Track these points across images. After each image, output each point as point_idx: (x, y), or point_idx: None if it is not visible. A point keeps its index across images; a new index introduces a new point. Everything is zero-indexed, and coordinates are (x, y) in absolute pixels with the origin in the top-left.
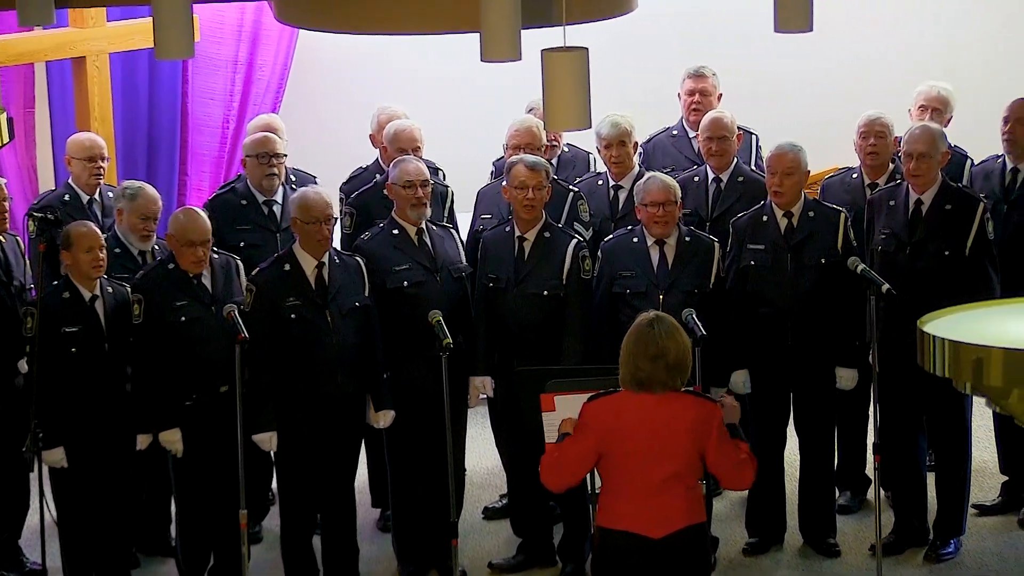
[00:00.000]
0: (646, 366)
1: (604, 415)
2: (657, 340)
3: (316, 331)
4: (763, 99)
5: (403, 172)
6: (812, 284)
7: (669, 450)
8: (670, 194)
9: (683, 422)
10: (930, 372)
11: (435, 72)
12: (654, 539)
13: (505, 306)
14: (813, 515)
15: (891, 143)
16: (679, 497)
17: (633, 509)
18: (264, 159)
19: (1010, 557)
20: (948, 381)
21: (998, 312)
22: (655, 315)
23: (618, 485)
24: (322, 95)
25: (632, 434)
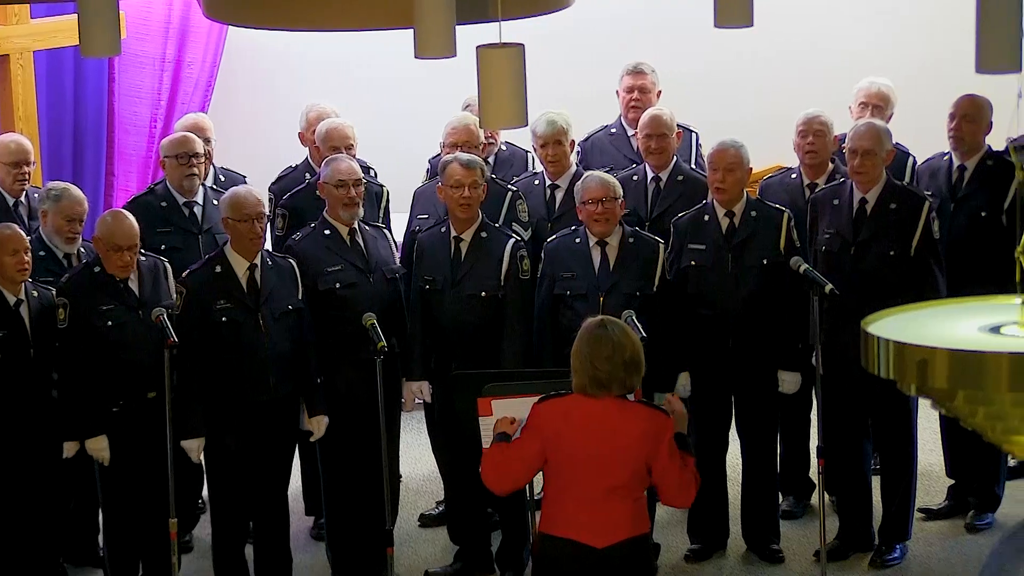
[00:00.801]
0: (604, 366)
1: (553, 417)
2: (611, 339)
3: (248, 335)
4: (703, 96)
5: (335, 171)
6: (754, 285)
7: (617, 459)
8: (609, 191)
9: (634, 432)
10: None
11: (368, 69)
12: (597, 549)
13: (441, 308)
14: (756, 520)
15: (830, 142)
16: (624, 507)
17: (577, 516)
18: (183, 159)
19: (957, 562)
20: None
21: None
22: (602, 318)
23: (562, 491)
24: (252, 93)
25: (581, 439)
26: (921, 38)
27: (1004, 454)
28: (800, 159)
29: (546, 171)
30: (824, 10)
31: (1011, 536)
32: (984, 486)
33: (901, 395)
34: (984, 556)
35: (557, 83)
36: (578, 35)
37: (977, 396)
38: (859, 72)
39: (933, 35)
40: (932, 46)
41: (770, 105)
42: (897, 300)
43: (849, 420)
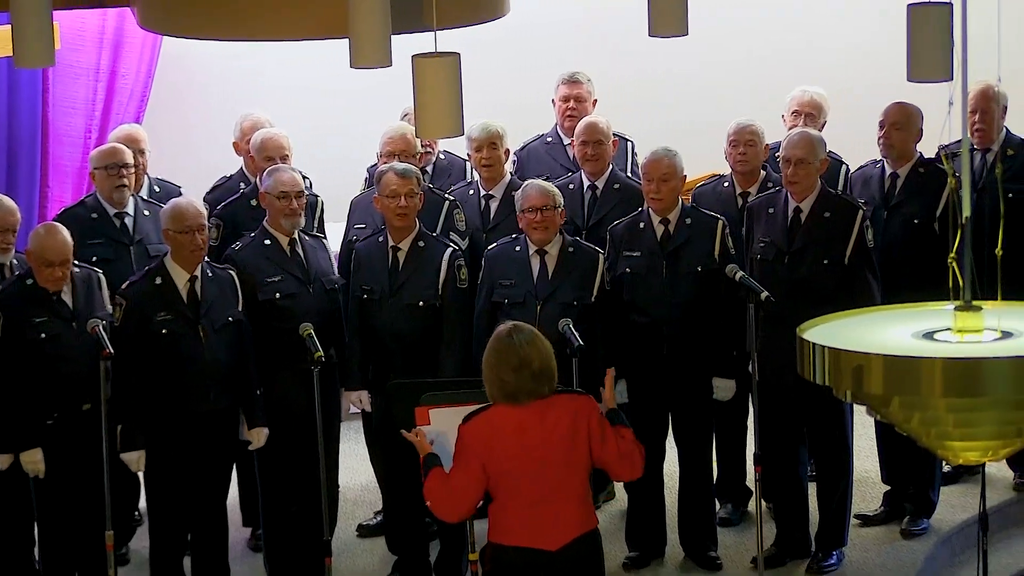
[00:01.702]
0: (511, 377)
1: (482, 434)
2: (518, 350)
3: (188, 347)
4: (638, 105)
5: (277, 182)
6: (689, 293)
7: (554, 457)
8: (549, 199)
9: (562, 425)
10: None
11: (303, 79)
12: (551, 551)
13: (379, 318)
14: (694, 528)
15: (761, 151)
16: (571, 504)
17: (526, 523)
18: (113, 170)
19: (893, 568)
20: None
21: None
22: (512, 325)
23: (507, 500)
24: (186, 103)
25: (514, 448)
26: (854, 47)
27: (939, 460)
28: (732, 168)
29: (481, 180)
30: (757, 20)
31: (946, 541)
32: (919, 492)
33: (836, 401)
34: (920, 561)
35: (493, 92)
36: (514, 44)
37: (912, 402)
38: (792, 81)
39: (865, 44)
40: (865, 54)
41: (705, 113)
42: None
43: (785, 427)
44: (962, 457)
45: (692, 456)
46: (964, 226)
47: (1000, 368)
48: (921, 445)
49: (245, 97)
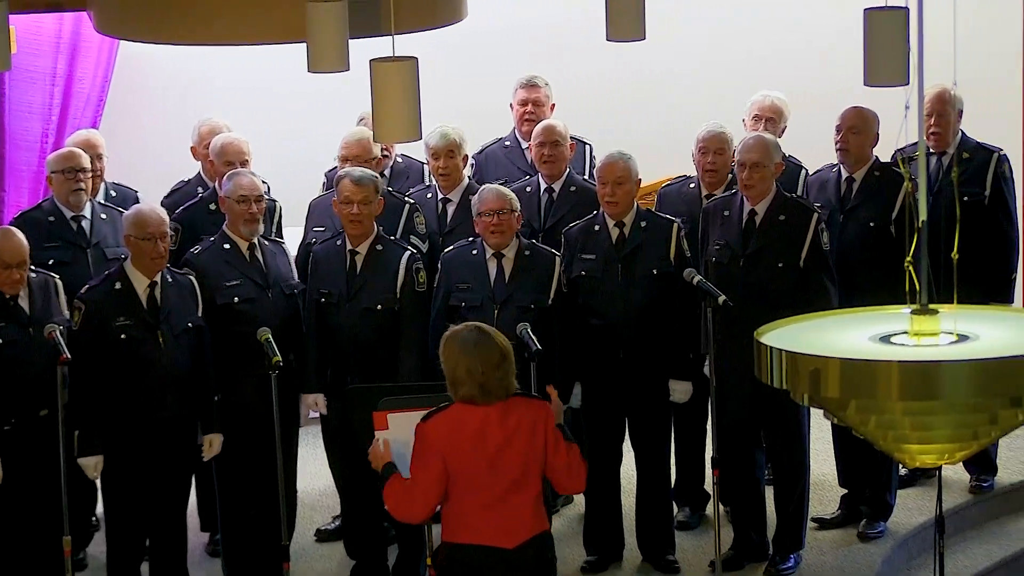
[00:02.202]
0: (494, 373)
1: (442, 433)
2: (496, 346)
3: (147, 352)
4: (597, 109)
5: (237, 186)
6: (644, 295)
7: (510, 458)
8: (505, 203)
9: (522, 427)
10: (767, 384)
11: (261, 83)
12: (508, 549)
13: (337, 321)
14: (651, 531)
15: (730, 158)
16: (525, 504)
17: (481, 522)
18: (70, 174)
19: (850, 571)
20: (785, 393)
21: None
22: (475, 325)
23: (463, 499)
24: (144, 107)
25: (472, 447)
26: (812, 51)
27: (895, 463)
28: (699, 175)
29: (438, 184)
30: (715, 24)
31: (902, 544)
32: (876, 495)
33: (793, 405)
34: (877, 564)
35: (451, 96)
36: (472, 48)
37: (869, 405)
38: (752, 85)
39: (823, 48)
40: (823, 59)
41: (664, 118)
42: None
43: (742, 430)
44: (919, 460)
45: (649, 459)
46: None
47: (956, 371)
48: (878, 448)
49: (202, 102)
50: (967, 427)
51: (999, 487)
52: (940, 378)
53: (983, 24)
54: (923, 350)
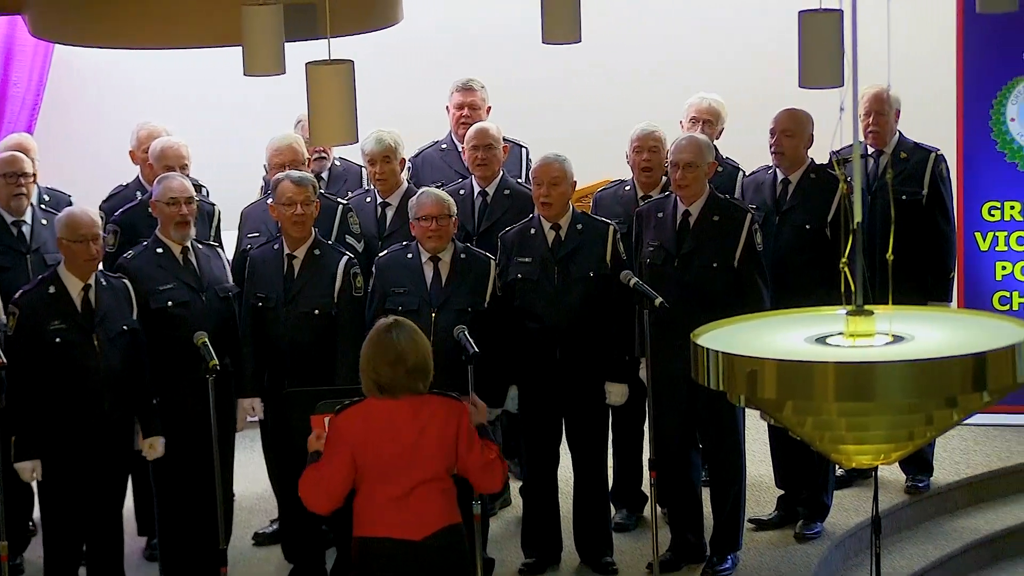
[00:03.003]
0: (386, 371)
1: (353, 425)
2: (396, 345)
3: (82, 355)
4: (532, 112)
5: (167, 189)
6: (580, 298)
7: (420, 454)
8: (443, 208)
9: (432, 425)
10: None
11: (199, 87)
12: (416, 541)
13: (275, 326)
14: (589, 533)
15: (664, 157)
16: (434, 499)
17: (390, 515)
18: (11, 179)
19: (787, 571)
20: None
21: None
22: (392, 320)
23: (373, 492)
24: (79, 112)
25: (383, 441)
26: (748, 54)
27: (832, 463)
28: (634, 174)
29: (376, 189)
30: (651, 28)
31: (839, 544)
32: (812, 496)
33: (729, 406)
34: (814, 565)
35: (388, 99)
36: (408, 51)
37: (805, 406)
38: (688, 88)
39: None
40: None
41: (600, 121)
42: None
43: (678, 432)
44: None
45: (587, 462)
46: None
47: (892, 372)
48: (814, 449)
49: (139, 106)
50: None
51: (935, 487)
52: (875, 379)
53: (917, 26)
54: (859, 351)
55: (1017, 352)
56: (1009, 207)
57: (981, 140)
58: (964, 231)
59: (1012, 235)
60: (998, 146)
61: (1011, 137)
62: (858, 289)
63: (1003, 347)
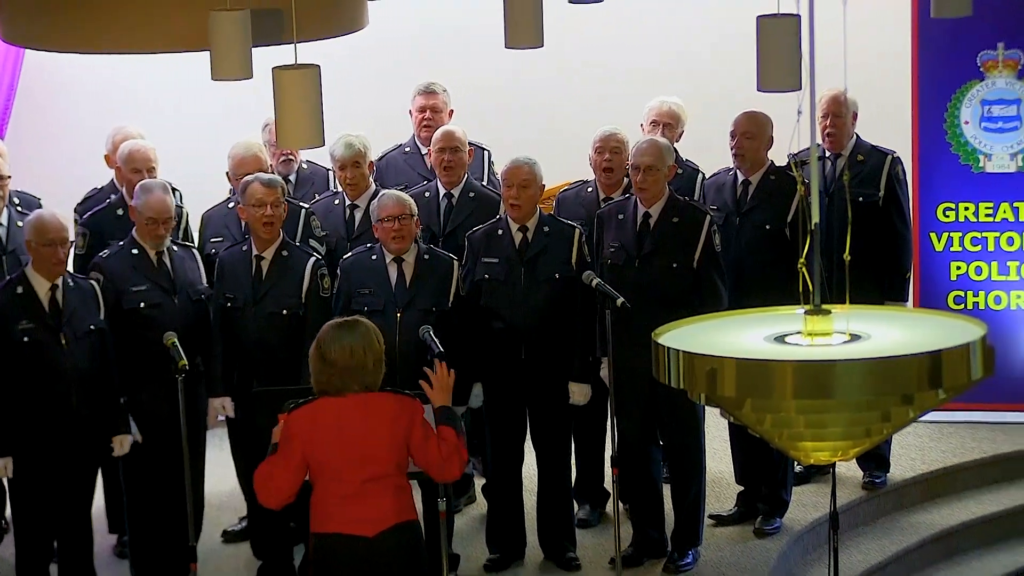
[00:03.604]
0: (324, 369)
1: (303, 424)
2: (350, 344)
3: (50, 354)
4: (495, 115)
5: (147, 206)
6: (546, 299)
7: (372, 451)
8: (405, 208)
9: (383, 421)
10: (665, 383)
11: (168, 91)
12: (368, 537)
13: (243, 326)
14: (553, 529)
15: (626, 158)
16: (387, 496)
17: (344, 511)
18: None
19: (747, 566)
20: (681, 393)
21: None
22: (345, 320)
23: (326, 490)
24: (51, 116)
25: (334, 439)
26: (708, 58)
27: (790, 460)
28: (597, 175)
29: (345, 192)
30: (612, 32)
31: (798, 539)
32: (772, 492)
33: (690, 404)
34: (773, 559)
35: (353, 102)
36: (373, 56)
37: (764, 404)
38: (649, 91)
39: (720, 55)
40: (719, 65)
41: (561, 125)
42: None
43: (640, 430)
44: (813, 457)
45: (550, 459)
46: (813, 232)
47: (849, 370)
48: (774, 446)
49: (110, 110)
50: (860, 425)
51: (891, 483)
52: (833, 377)
53: (873, 30)
54: (817, 350)
55: (971, 351)
56: (963, 208)
57: (936, 143)
58: (920, 232)
59: (966, 236)
60: (952, 148)
61: (965, 140)
62: (816, 289)
63: (958, 346)
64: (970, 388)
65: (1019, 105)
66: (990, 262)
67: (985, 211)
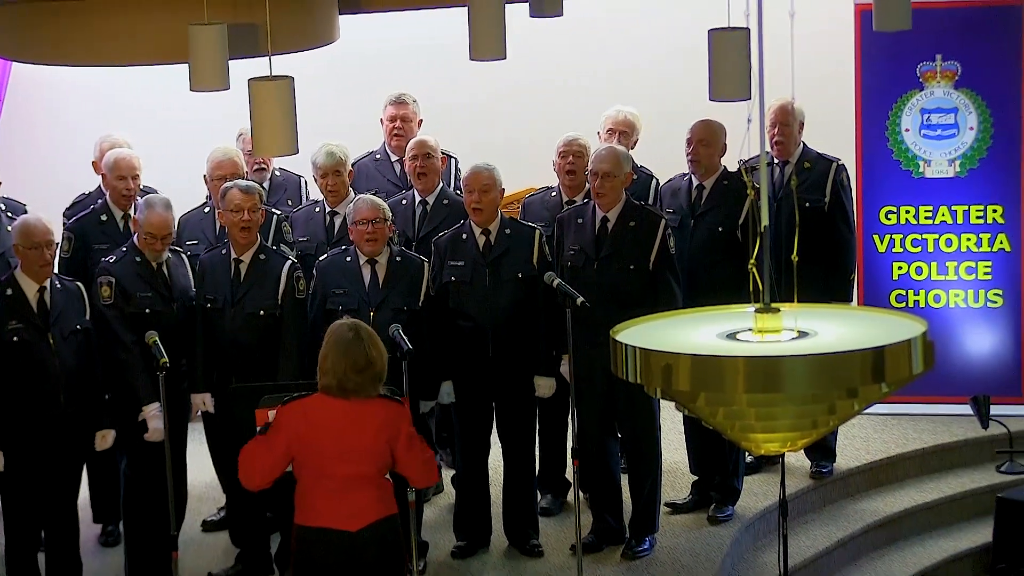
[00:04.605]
0: (355, 377)
1: (296, 418)
2: (366, 352)
3: (38, 353)
4: (461, 124)
5: (148, 222)
6: (510, 298)
7: (360, 451)
8: (378, 212)
9: (372, 424)
10: (623, 378)
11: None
12: (352, 532)
13: (222, 326)
14: (517, 518)
15: (587, 163)
16: (370, 493)
17: (328, 506)
18: None
19: (701, 552)
20: (638, 388)
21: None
22: (353, 323)
23: (312, 484)
24: (38, 125)
25: (323, 435)
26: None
27: (742, 451)
28: (560, 178)
29: (326, 200)
30: (571, 45)
31: (749, 526)
32: (724, 481)
33: (646, 398)
34: (726, 545)
35: (326, 112)
36: (344, 68)
37: (717, 398)
38: (605, 101)
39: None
40: (672, 76)
41: (523, 132)
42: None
43: (598, 423)
44: (763, 448)
45: (516, 451)
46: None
47: (797, 365)
48: (726, 437)
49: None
50: (807, 417)
51: (837, 472)
52: (782, 372)
53: (819, 43)
54: (766, 346)
55: (912, 346)
56: (904, 211)
57: (878, 149)
58: (863, 234)
59: (907, 237)
60: (894, 155)
61: (906, 147)
62: (766, 288)
63: (900, 342)
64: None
65: (956, 113)
66: (930, 263)
67: (925, 214)
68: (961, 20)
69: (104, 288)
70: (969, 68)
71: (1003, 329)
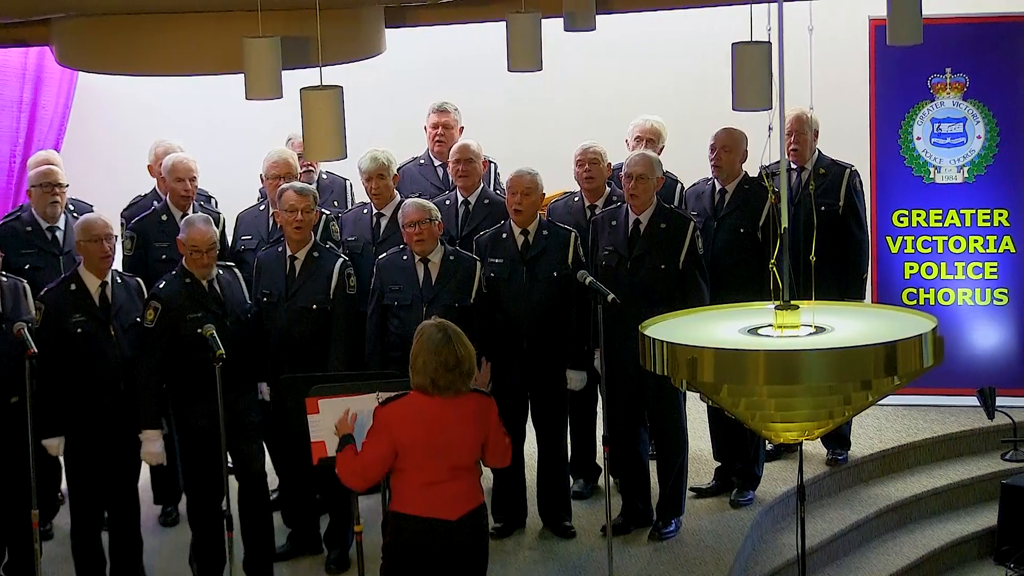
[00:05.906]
0: (446, 375)
1: (396, 418)
2: (456, 352)
3: (100, 344)
4: (500, 131)
5: (189, 238)
6: (545, 295)
7: (458, 444)
8: (425, 214)
9: (467, 418)
10: (651, 371)
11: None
12: (451, 521)
13: (275, 319)
14: (551, 501)
15: (604, 168)
16: (466, 482)
17: (427, 496)
18: (48, 188)
19: (723, 534)
20: (666, 379)
21: (710, 317)
22: (441, 323)
23: (411, 476)
24: (100, 131)
25: (424, 432)
26: (687, 80)
27: (762, 439)
28: (580, 185)
29: (373, 202)
30: (604, 58)
31: (769, 510)
32: (745, 467)
33: (672, 389)
34: (747, 528)
35: (373, 120)
36: (391, 77)
37: (739, 389)
38: (634, 110)
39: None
40: (695, 88)
41: (557, 139)
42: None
43: (628, 412)
44: (782, 437)
45: (549, 438)
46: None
47: (814, 359)
48: (747, 427)
49: (153, 125)
50: (824, 408)
51: (852, 460)
52: (800, 365)
53: (835, 56)
54: (786, 341)
55: (923, 341)
56: (915, 215)
57: (891, 156)
58: (877, 236)
59: (918, 239)
60: (906, 161)
61: (917, 154)
62: (785, 286)
63: (911, 337)
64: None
65: (964, 123)
66: (939, 263)
67: (935, 217)
68: (969, 35)
69: (149, 312)
70: (977, 80)
71: (1008, 325)
